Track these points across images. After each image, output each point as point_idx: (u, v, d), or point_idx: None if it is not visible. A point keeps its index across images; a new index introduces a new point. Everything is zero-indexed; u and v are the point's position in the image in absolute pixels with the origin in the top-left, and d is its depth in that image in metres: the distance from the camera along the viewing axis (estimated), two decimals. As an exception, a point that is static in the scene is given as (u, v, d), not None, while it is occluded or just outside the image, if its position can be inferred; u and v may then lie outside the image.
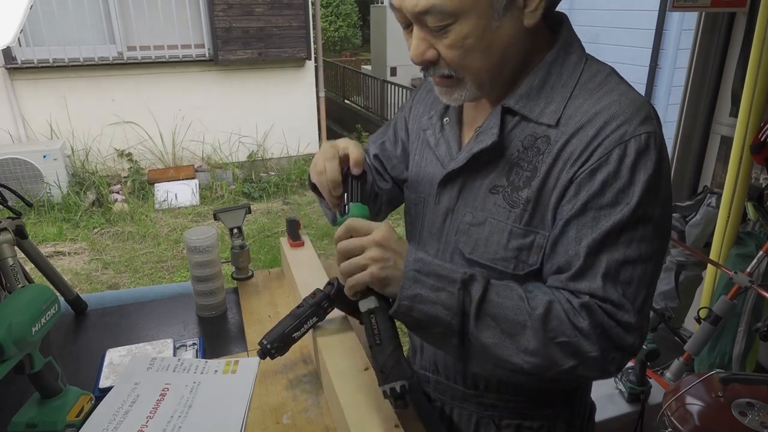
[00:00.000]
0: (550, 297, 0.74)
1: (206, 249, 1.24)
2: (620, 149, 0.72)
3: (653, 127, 0.74)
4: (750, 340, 2.14)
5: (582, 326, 0.72)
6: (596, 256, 0.73)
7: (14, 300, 0.83)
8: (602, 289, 0.73)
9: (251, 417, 0.94)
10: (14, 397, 0.98)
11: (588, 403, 1.02)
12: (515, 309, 0.73)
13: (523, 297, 0.74)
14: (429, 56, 0.77)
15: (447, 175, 0.88)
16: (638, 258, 0.73)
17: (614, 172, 0.72)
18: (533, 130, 0.80)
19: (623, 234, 0.73)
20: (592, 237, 0.73)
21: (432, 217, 0.92)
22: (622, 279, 0.73)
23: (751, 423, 1.40)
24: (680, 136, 2.49)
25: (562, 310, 0.73)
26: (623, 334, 0.73)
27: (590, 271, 0.74)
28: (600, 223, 0.73)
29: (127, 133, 5.71)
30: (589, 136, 0.74)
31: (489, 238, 0.83)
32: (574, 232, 0.75)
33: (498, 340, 0.74)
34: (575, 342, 0.72)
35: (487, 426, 0.95)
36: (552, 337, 0.72)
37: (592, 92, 0.77)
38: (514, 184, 0.80)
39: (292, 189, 5.94)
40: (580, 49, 0.82)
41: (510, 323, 0.73)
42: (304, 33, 6.04)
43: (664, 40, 5.64)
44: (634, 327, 0.74)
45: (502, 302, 0.74)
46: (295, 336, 0.96)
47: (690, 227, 2.32)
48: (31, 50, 5.18)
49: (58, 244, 4.55)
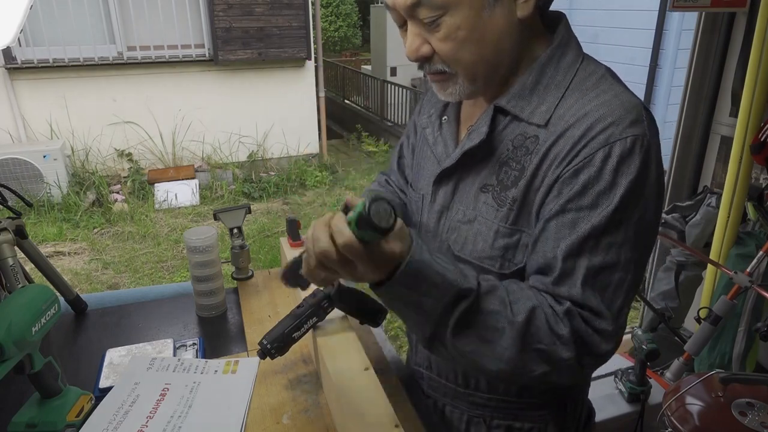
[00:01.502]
0: (533, 302, 0.72)
1: (206, 249, 1.24)
2: (604, 151, 0.71)
3: (642, 130, 0.73)
4: (750, 340, 2.14)
5: (562, 333, 0.71)
6: (575, 260, 0.72)
7: (14, 300, 0.83)
8: (581, 296, 0.72)
9: (251, 417, 0.94)
10: (14, 397, 0.98)
11: (584, 406, 1.01)
12: (496, 316, 0.71)
13: (505, 301, 0.72)
14: (423, 51, 0.77)
15: (441, 172, 0.88)
16: (617, 263, 0.72)
17: (596, 174, 0.72)
18: (524, 129, 0.80)
19: (603, 238, 0.72)
20: (570, 240, 0.72)
21: (428, 214, 0.93)
22: (600, 285, 0.72)
23: (751, 423, 1.40)
24: (680, 136, 2.49)
25: (543, 317, 0.72)
26: (599, 341, 0.72)
27: (570, 276, 0.73)
28: (579, 225, 0.72)
29: (127, 133, 5.71)
30: (576, 137, 0.74)
31: (477, 236, 0.83)
32: (552, 233, 0.74)
33: (474, 347, 0.72)
34: (551, 349, 0.71)
35: (477, 425, 0.95)
36: (529, 343, 0.71)
37: (585, 93, 0.77)
38: (503, 183, 0.81)
39: (292, 189, 5.94)
40: (576, 49, 0.81)
41: (489, 330, 0.71)
42: (304, 33, 6.04)
43: (664, 40, 5.64)
44: (611, 334, 0.73)
45: (483, 309, 0.72)
46: (295, 336, 0.96)
47: (690, 227, 2.32)
48: (31, 50, 5.18)
49: (58, 244, 4.55)
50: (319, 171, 6.30)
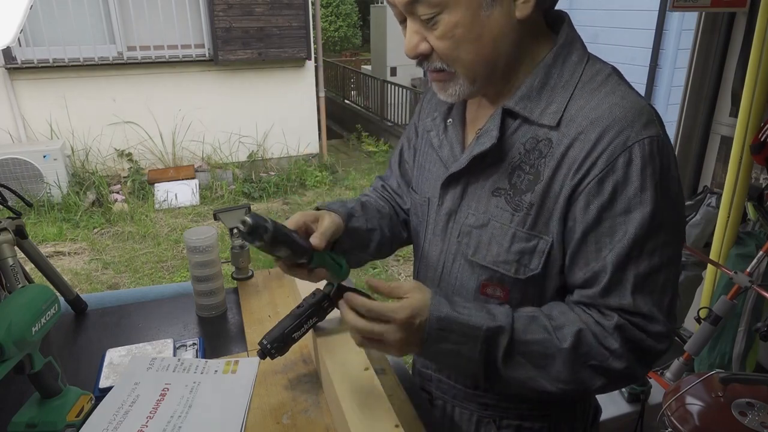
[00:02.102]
0: (579, 326, 0.75)
1: (206, 249, 1.24)
2: (625, 156, 0.72)
3: (656, 130, 0.74)
4: (750, 340, 2.14)
5: (614, 348, 0.74)
6: (623, 270, 0.74)
7: (14, 300, 0.83)
8: (633, 305, 0.74)
9: (251, 417, 0.94)
10: (14, 397, 0.98)
11: (592, 406, 1.01)
12: (543, 343, 0.75)
13: (549, 328, 0.76)
14: (422, 49, 0.78)
15: (449, 176, 0.88)
16: (662, 265, 0.74)
17: (623, 179, 0.73)
18: (535, 132, 0.80)
19: (647, 243, 0.73)
20: (616, 252, 0.74)
21: (436, 218, 0.92)
22: (650, 289, 0.75)
23: (751, 423, 1.40)
24: (680, 136, 2.49)
25: (591, 336, 0.75)
26: (654, 344, 0.75)
27: (619, 285, 0.75)
28: (617, 232, 0.74)
29: (127, 133, 5.71)
30: (592, 141, 0.74)
31: (491, 241, 0.83)
32: (593, 245, 0.76)
33: (530, 374, 0.76)
34: (605, 363, 0.75)
35: (487, 426, 0.95)
36: (583, 362, 0.75)
37: (593, 93, 0.77)
38: (516, 186, 0.80)
39: (292, 189, 5.94)
40: (581, 49, 0.81)
41: (540, 357, 0.75)
42: (304, 33, 6.04)
43: (664, 40, 5.64)
44: (665, 334, 0.76)
45: (529, 340, 0.75)
46: (295, 336, 0.96)
47: (690, 227, 2.32)
48: (31, 50, 5.18)
49: (58, 244, 4.55)
50: (319, 171, 6.30)
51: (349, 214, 0.93)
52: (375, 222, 1.00)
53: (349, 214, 0.94)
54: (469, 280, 0.87)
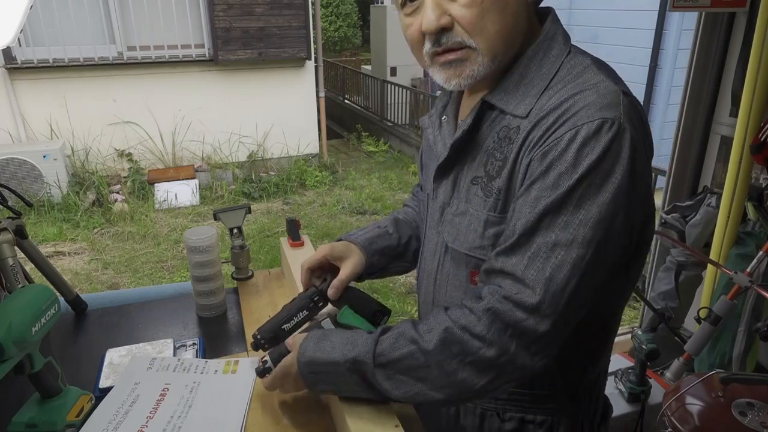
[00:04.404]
0: (446, 324, 0.75)
1: (206, 249, 1.24)
2: (571, 133, 0.71)
3: (614, 113, 0.71)
4: (750, 340, 2.14)
5: (483, 334, 0.72)
6: (530, 236, 0.72)
7: (14, 300, 0.83)
8: (522, 270, 0.72)
9: (251, 417, 0.94)
10: (14, 397, 0.98)
11: (600, 401, 1.00)
12: (413, 356, 0.76)
13: (416, 338, 0.77)
14: (443, 22, 0.76)
15: (438, 168, 0.90)
16: (571, 242, 0.70)
17: (559, 155, 0.71)
18: (508, 122, 0.81)
19: (560, 216, 0.71)
20: (528, 217, 0.72)
21: (432, 212, 0.94)
22: (543, 259, 0.71)
23: (751, 423, 1.40)
24: (680, 136, 2.48)
25: (460, 330, 0.74)
26: (523, 317, 0.71)
27: (518, 248, 0.73)
28: (539, 203, 0.72)
29: (127, 133, 5.72)
30: (550, 122, 0.74)
31: (468, 228, 0.84)
32: (516, 211, 0.75)
33: (416, 389, 0.78)
34: (480, 356, 0.73)
35: (491, 418, 0.95)
36: (460, 361, 0.74)
37: (566, 84, 0.77)
38: (489, 173, 0.82)
39: (292, 189, 5.95)
40: (562, 43, 0.82)
41: (415, 370, 0.77)
42: (304, 33, 6.05)
43: (664, 40, 5.64)
44: (535, 308, 0.71)
45: (397, 357, 0.78)
46: (284, 327, 0.98)
47: (690, 227, 2.32)
48: (31, 50, 5.19)
49: (58, 244, 4.55)
50: (319, 171, 6.30)
51: (369, 241, 1.04)
52: (408, 233, 1.09)
53: (370, 241, 1.04)
54: (458, 270, 0.88)
